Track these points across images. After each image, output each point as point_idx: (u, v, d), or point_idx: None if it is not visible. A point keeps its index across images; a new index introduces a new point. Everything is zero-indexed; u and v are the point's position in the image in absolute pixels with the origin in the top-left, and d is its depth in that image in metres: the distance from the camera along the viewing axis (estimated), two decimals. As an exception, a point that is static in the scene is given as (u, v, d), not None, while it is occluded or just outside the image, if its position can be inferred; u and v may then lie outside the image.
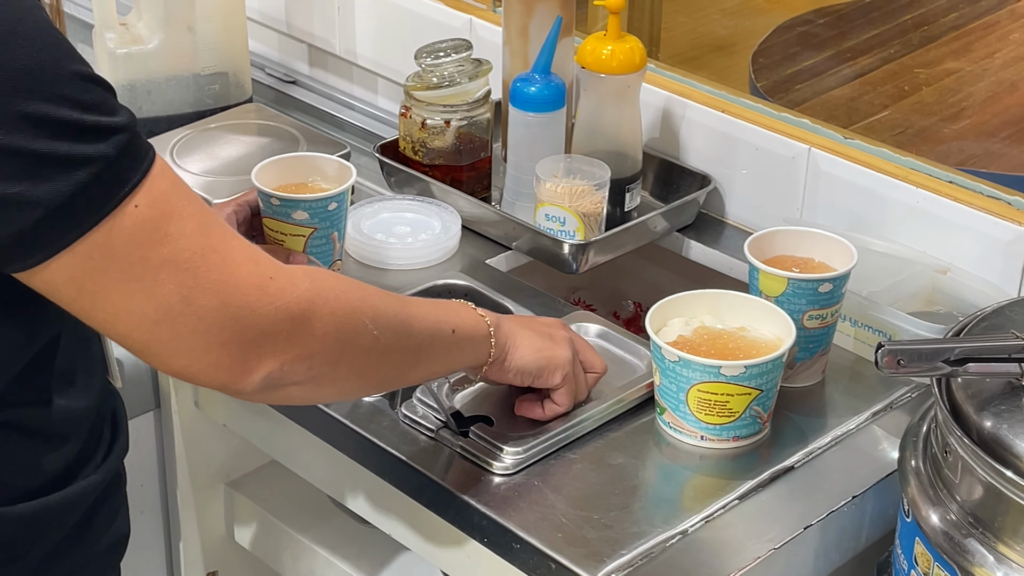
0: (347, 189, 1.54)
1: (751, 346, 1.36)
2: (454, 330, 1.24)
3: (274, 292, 1.06)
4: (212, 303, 1.03)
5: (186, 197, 1.03)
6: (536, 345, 1.31)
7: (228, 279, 1.04)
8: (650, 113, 1.76)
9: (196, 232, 1.03)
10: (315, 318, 1.08)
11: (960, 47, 2.60)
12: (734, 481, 1.32)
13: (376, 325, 1.14)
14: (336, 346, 1.11)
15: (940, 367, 1.17)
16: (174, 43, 1.91)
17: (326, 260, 1.55)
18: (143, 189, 1.00)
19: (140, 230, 1.00)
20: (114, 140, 0.99)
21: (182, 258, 1.02)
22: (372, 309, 1.14)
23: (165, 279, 1.01)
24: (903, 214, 1.57)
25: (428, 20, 1.95)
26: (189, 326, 1.03)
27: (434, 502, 1.33)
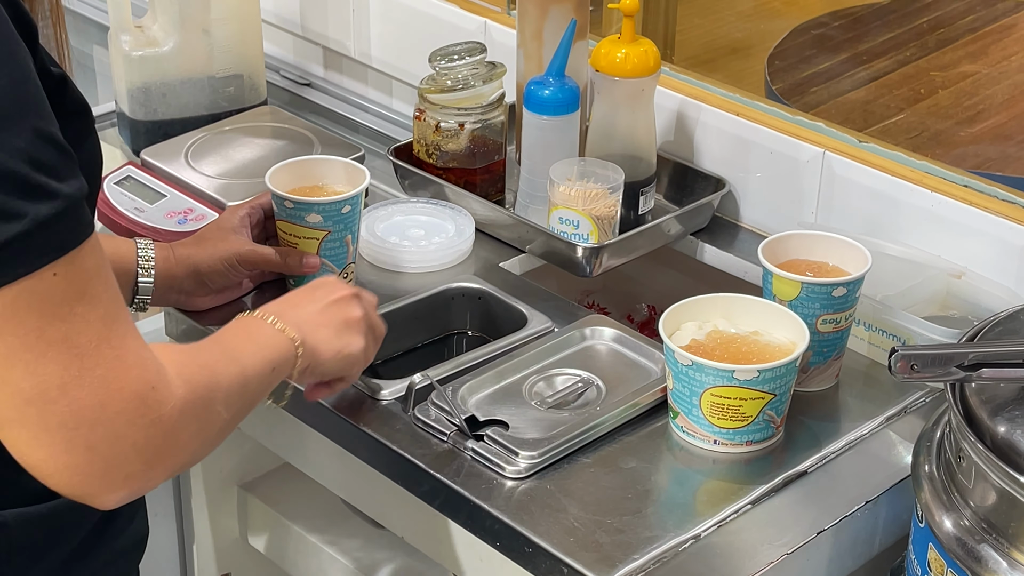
0: (361, 192, 1.54)
1: (764, 350, 1.36)
2: (273, 368, 1.22)
3: (152, 404, 1.02)
4: (89, 399, 0.99)
5: (105, 283, 1.01)
6: (335, 347, 1.30)
7: (112, 380, 1.00)
8: (664, 116, 1.76)
9: (99, 320, 1.00)
10: (184, 427, 1.06)
11: (977, 50, 2.60)
12: (747, 486, 1.31)
13: (226, 407, 1.12)
14: (196, 443, 1.09)
15: (954, 372, 1.17)
16: (189, 46, 1.92)
17: (339, 263, 1.55)
18: (69, 261, 0.98)
19: (49, 300, 0.98)
20: (54, 204, 0.97)
21: (77, 342, 0.99)
22: (223, 392, 1.12)
23: (52, 357, 0.98)
24: (918, 218, 1.56)
25: (443, 23, 1.95)
26: (59, 417, 0.99)
27: (447, 506, 1.32)
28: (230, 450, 1.72)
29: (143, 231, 1.73)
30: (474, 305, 1.58)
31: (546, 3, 1.68)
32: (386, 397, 1.41)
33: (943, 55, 2.58)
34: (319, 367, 1.29)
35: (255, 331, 1.24)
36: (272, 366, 1.22)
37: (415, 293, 1.57)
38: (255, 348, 1.21)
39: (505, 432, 1.35)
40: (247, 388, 1.17)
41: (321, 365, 1.29)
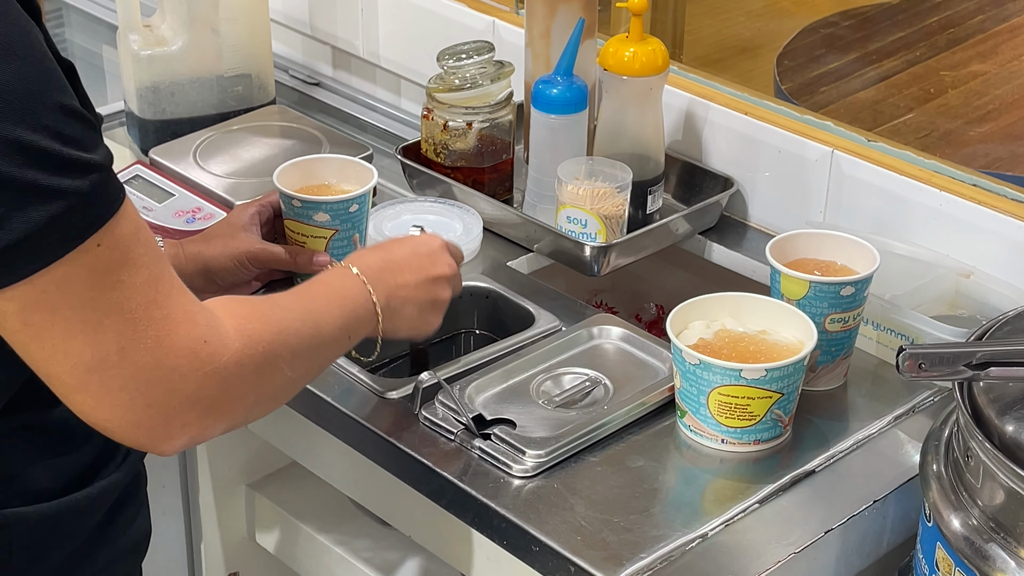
0: (368, 191, 1.54)
1: (772, 349, 1.36)
2: (350, 336, 1.25)
3: (205, 357, 1.05)
4: (145, 360, 1.02)
5: (144, 245, 1.03)
6: (414, 324, 1.35)
7: (164, 338, 1.03)
8: (673, 115, 1.76)
9: (145, 283, 1.02)
10: (240, 380, 1.08)
11: (986, 49, 2.59)
12: (755, 485, 1.31)
13: (291, 365, 1.14)
14: (254, 397, 1.11)
15: (962, 371, 1.17)
16: (198, 45, 1.92)
17: None
18: (108, 229, 1.00)
19: (97, 270, 1.00)
20: (90, 177, 0.98)
21: (127, 307, 1.01)
22: (290, 351, 1.14)
23: (109, 326, 1.00)
24: (926, 217, 1.56)
25: (451, 22, 1.95)
26: (120, 380, 1.02)
27: (454, 504, 1.32)
28: (238, 449, 1.73)
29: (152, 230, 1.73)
30: (482, 304, 1.58)
31: (554, 2, 1.67)
32: (393, 396, 1.41)
33: (953, 55, 2.58)
34: (389, 335, 1.32)
35: (346, 293, 1.26)
36: (349, 334, 1.25)
37: (423, 292, 1.57)
38: (339, 313, 1.23)
39: (512, 431, 1.34)
40: (319, 351, 1.20)
41: (392, 334, 1.32)
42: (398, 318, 1.32)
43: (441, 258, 1.37)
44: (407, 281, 1.33)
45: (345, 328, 1.24)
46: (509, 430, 1.35)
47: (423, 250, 1.37)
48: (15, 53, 0.96)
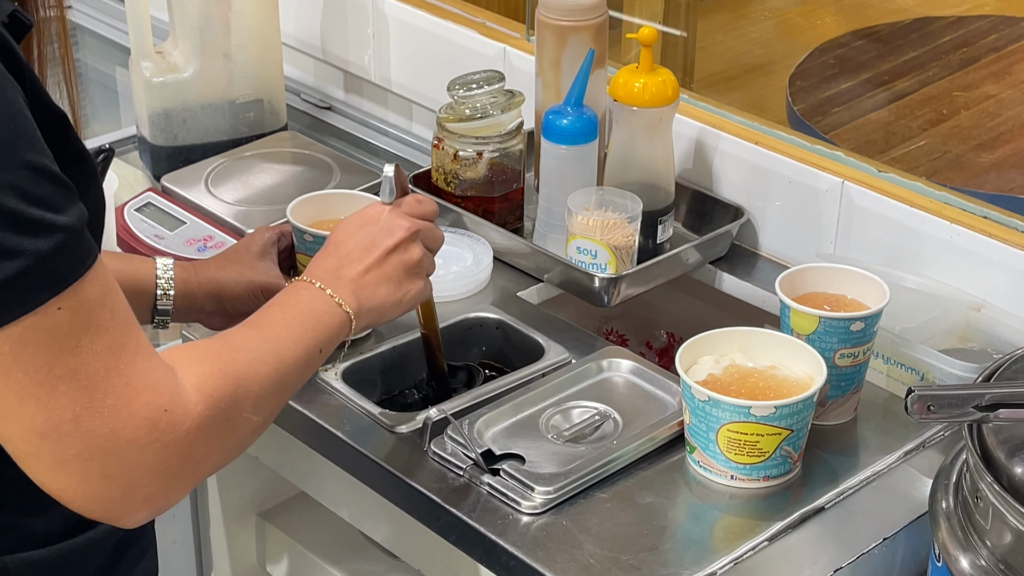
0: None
1: (781, 385, 1.36)
2: (321, 350, 1.21)
3: (165, 427, 1.02)
4: (101, 429, 0.99)
5: (111, 310, 1.00)
6: (394, 299, 1.30)
7: (123, 407, 1.00)
8: (683, 144, 1.76)
9: (107, 350, 0.99)
10: (203, 444, 1.05)
11: (999, 69, 2.59)
12: (764, 522, 1.31)
13: (255, 410, 1.11)
14: (218, 456, 1.08)
15: (971, 413, 1.16)
16: (210, 71, 1.93)
17: None
18: (72, 293, 0.97)
19: (55, 334, 0.97)
20: (53, 238, 0.96)
21: (85, 373, 0.98)
22: (253, 398, 1.10)
23: (63, 391, 0.98)
24: (937, 249, 1.56)
25: (462, 48, 1.95)
26: (74, 449, 0.99)
27: (463, 540, 1.33)
28: (248, 478, 1.73)
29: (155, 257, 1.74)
30: (492, 335, 1.58)
31: (564, 33, 1.68)
32: (403, 430, 1.41)
33: (966, 75, 2.58)
34: (376, 323, 1.29)
35: (307, 308, 1.22)
36: (320, 347, 1.21)
37: (434, 323, 1.57)
38: (300, 333, 1.19)
39: (521, 466, 1.35)
40: (285, 384, 1.16)
41: (379, 321, 1.30)
42: (375, 305, 1.27)
43: (394, 223, 1.31)
44: (368, 264, 1.28)
45: (313, 345, 1.20)
46: (518, 465, 1.35)
47: (372, 226, 1.31)
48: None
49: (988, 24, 2.74)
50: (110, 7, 2.45)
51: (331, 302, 1.24)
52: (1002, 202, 1.70)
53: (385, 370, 1.53)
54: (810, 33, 2.84)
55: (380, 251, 1.29)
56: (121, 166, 1.95)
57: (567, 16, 1.68)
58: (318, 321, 1.22)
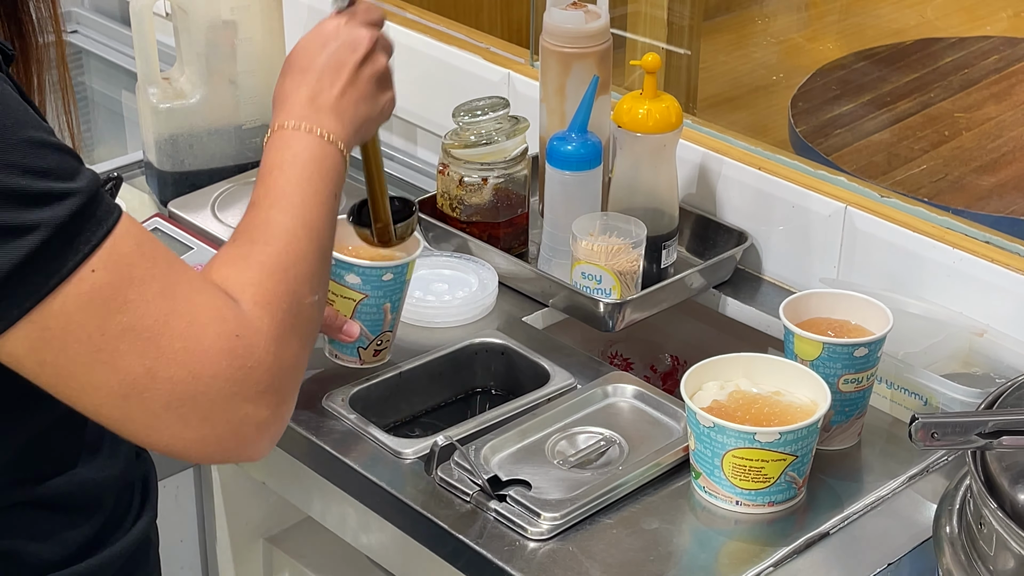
0: (407, 263, 1.51)
1: (786, 411, 1.37)
2: (336, 195, 1.17)
3: (243, 352, 1.01)
4: (180, 374, 0.98)
5: (151, 258, 0.99)
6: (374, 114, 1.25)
7: (194, 346, 0.98)
8: (687, 169, 1.77)
9: (159, 296, 0.98)
10: (286, 352, 1.04)
11: (1001, 91, 2.60)
12: (769, 547, 1.32)
13: (312, 290, 1.09)
14: (303, 353, 1.07)
15: (974, 440, 1.17)
16: (216, 97, 1.94)
17: (375, 329, 1.52)
18: (102, 253, 0.97)
19: (96, 297, 0.96)
20: (67, 204, 0.96)
21: (142, 326, 0.97)
22: (306, 281, 1.09)
23: (126, 350, 0.97)
24: (940, 274, 1.57)
25: (466, 74, 1.96)
26: (160, 400, 0.98)
27: (470, 567, 1.33)
28: (255, 503, 1.74)
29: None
30: (497, 361, 1.59)
31: (568, 59, 1.69)
32: (409, 456, 1.42)
33: (967, 96, 2.59)
34: (361, 142, 1.26)
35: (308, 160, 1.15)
36: (335, 193, 1.17)
37: (438, 349, 1.58)
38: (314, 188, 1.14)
39: (527, 492, 1.35)
40: (324, 249, 1.13)
41: (363, 140, 1.26)
42: (359, 126, 1.23)
43: (355, 35, 1.24)
44: (342, 87, 1.21)
45: (329, 196, 1.15)
46: (524, 491, 1.35)
47: (334, 43, 1.23)
48: None
49: (989, 45, 2.75)
50: (116, 32, 2.46)
51: (323, 143, 1.18)
52: (1003, 224, 1.71)
53: (391, 396, 1.54)
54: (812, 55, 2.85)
55: (350, 68, 1.22)
56: (128, 191, 1.96)
57: (571, 43, 1.69)
58: (322, 169, 1.16)
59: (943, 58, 2.71)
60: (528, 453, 1.42)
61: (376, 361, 1.55)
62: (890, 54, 2.74)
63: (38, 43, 1.12)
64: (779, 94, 2.67)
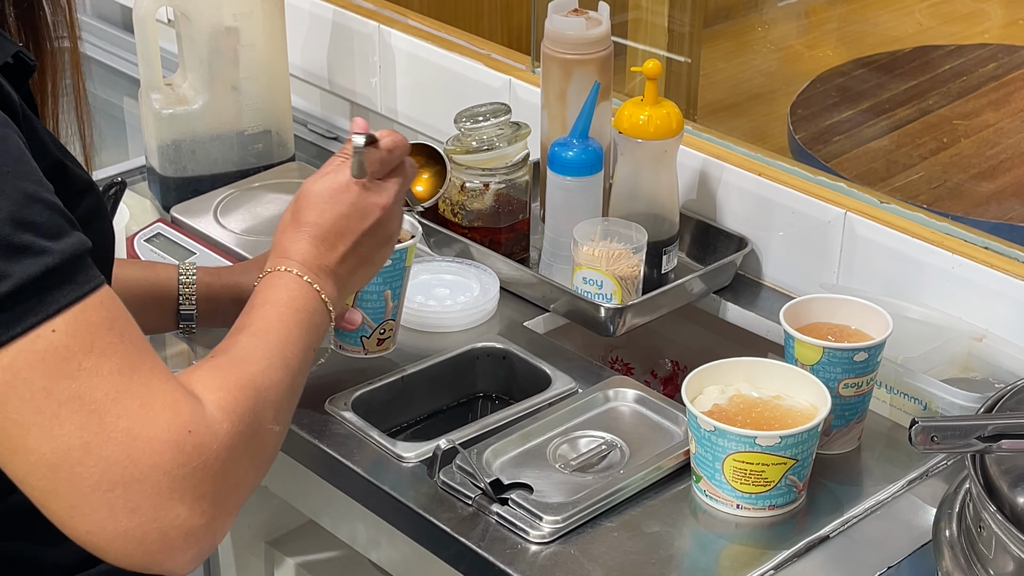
0: (405, 250, 1.50)
1: (787, 415, 1.37)
2: (314, 349, 1.18)
3: (191, 450, 0.97)
4: (117, 455, 0.94)
5: (118, 334, 0.97)
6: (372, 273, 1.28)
7: (139, 430, 0.95)
8: (687, 175, 1.78)
9: (115, 372, 0.95)
10: (236, 464, 1.01)
11: (999, 98, 2.61)
12: (769, 551, 1.33)
13: (276, 419, 1.08)
14: (253, 474, 1.05)
15: (973, 443, 1.18)
16: (218, 103, 1.95)
17: (377, 318, 1.53)
18: (68, 315, 0.95)
19: (51, 357, 0.94)
20: (43, 261, 0.95)
21: (90, 397, 0.94)
22: (273, 408, 1.07)
23: (66, 417, 0.93)
24: (939, 280, 1.58)
25: (468, 80, 1.97)
26: (91, 479, 0.93)
27: (472, 570, 1.34)
28: (257, 507, 1.74)
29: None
30: (498, 365, 1.60)
31: (570, 66, 1.70)
32: (411, 460, 1.43)
33: (965, 103, 2.60)
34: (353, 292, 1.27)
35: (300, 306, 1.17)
36: (315, 346, 1.18)
37: (441, 353, 1.59)
38: (299, 332, 1.15)
39: (529, 496, 1.36)
40: (295, 388, 1.13)
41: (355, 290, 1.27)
42: (353, 286, 1.25)
43: (367, 204, 1.24)
44: (343, 253, 1.22)
45: (310, 346, 1.16)
46: (526, 495, 1.36)
47: (344, 206, 1.23)
48: None
49: (988, 53, 2.77)
50: (118, 38, 2.47)
51: (318, 298, 1.19)
52: (1002, 231, 1.72)
53: (394, 400, 1.54)
54: (811, 62, 2.86)
55: (354, 236, 1.23)
56: (130, 196, 1.97)
57: (572, 50, 1.70)
58: (311, 320, 1.18)
59: (941, 65, 2.72)
60: (530, 457, 1.43)
61: (380, 351, 1.55)
62: (889, 61, 2.75)
63: (53, 49, 1.12)
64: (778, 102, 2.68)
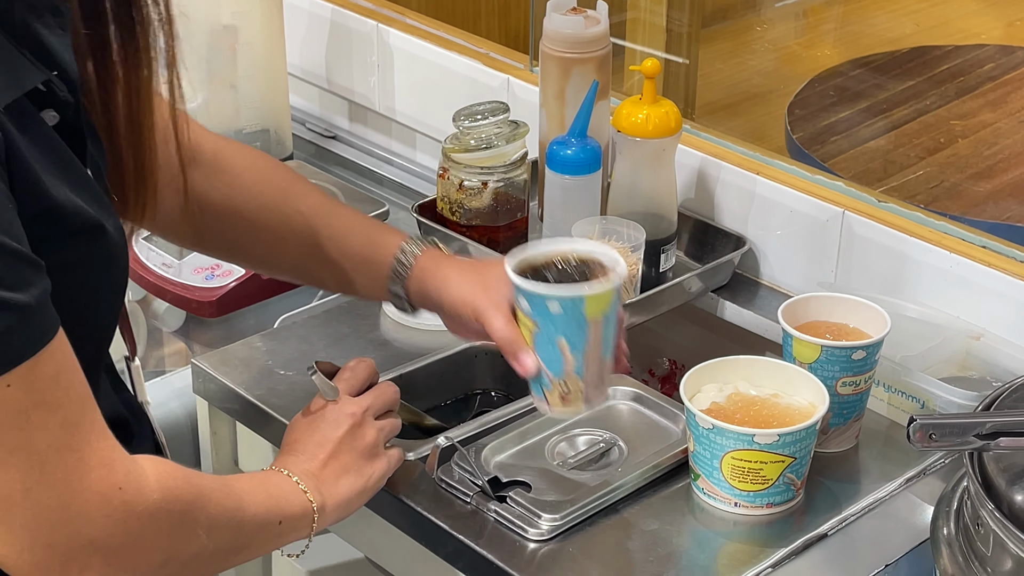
0: (580, 296, 1.25)
1: (784, 413, 1.38)
2: (281, 522, 1.22)
3: (117, 504, 1.03)
4: (51, 501, 0.99)
5: (65, 388, 1.00)
6: (359, 487, 1.30)
7: (73, 481, 1.00)
8: (685, 174, 1.78)
9: (59, 426, 1.00)
10: (151, 532, 1.06)
11: (997, 98, 2.61)
12: (768, 549, 1.33)
13: (209, 533, 1.11)
14: (163, 555, 1.08)
15: (971, 441, 1.18)
16: (217, 101, 1.95)
17: (555, 369, 1.29)
18: (22, 370, 0.97)
19: (4, 410, 0.96)
20: (6, 319, 0.95)
21: (35, 448, 0.98)
22: (208, 518, 1.12)
23: (13, 464, 0.98)
24: (937, 279, 1.58)
25: (466, 79, 1.97)
26: (22, 520, 0.99)
27: (470, 568, 1.34)
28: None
29: (171, 287, 1.76)
30: (497, 363, 1.60)
31: (568, 65, 1.70)
32: (410, 457, 1.43)
33: (963, 103, 2.60)
34: (345, 514, 1.30)
35: (273, 485, 1.23)
36: (280, 519, 1.21)
37: (439, 351, 1.59)
38: (266, 497, 1.20)
39: (527, 494, 1.36)
40: (242, 527, 1.16)
41: (348, 512, 1.30)
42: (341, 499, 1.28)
43: (339, 414, 1.32)
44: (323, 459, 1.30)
45: (274, 514, 1.20)
46: (524, 493, 1.36)
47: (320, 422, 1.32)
48: None
49: (985, 53, 2.77)
50: (116, 37, 2.47)
51: (296, 488, 1.25)
52: (999, 231, 1.72)
53: (392, 398, 1.54)
54: (809, 62, 2.87)
55: (332, 444, 1.30)
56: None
57: (571, 48, 1.70)
58: (282, 497, 1.23)
59: (939, 66, 2.72)
60: (528, 455, 1.43)
61: (566, 410, 1.32)
62: (886, 62, 2.75)
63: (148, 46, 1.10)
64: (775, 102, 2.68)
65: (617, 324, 1.29)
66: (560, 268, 1.30)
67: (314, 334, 1.64)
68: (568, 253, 1.30)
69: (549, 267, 1.30)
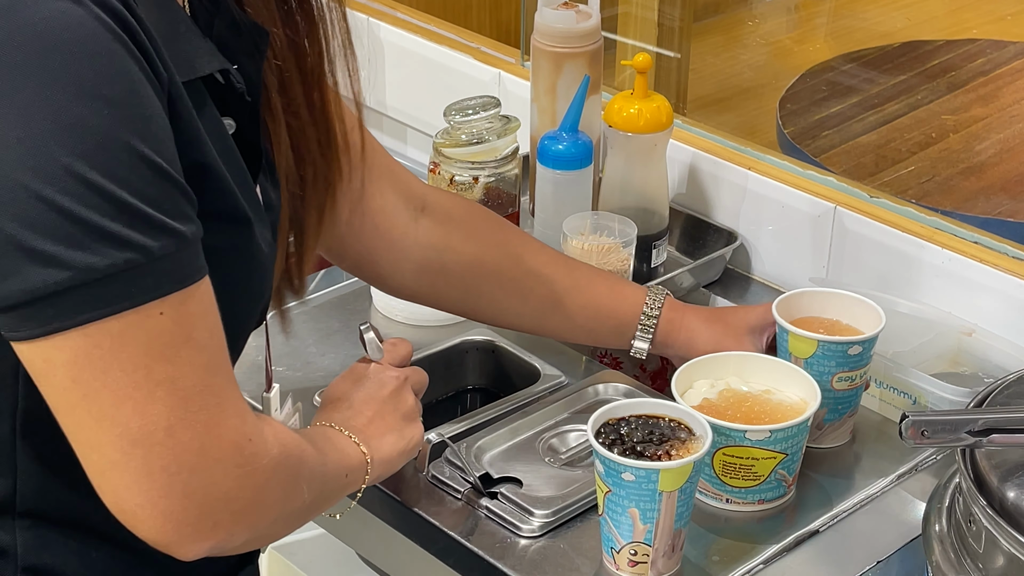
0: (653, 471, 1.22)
1: (776, 409, 1.37)
2: (347, 474, 1.23)
3: (248, 455, 1.02)
4: (193, 444, 0.98)
5: (210, 331, 1.00)
6: (400, 448, 1.30)
7: (214, 425, 0.99)
8: (677, 169, 1.78)
9: (204, 367, 0.99)
10: (273, 487, 1.05)
11: (987, 93, 2.61)
12: (759, 545, 1.32)
13: (309, 488, 1.12)
14: (278, 510, 1.08)
15: (964, 438, 1.18)
16: (206, 96, 1.94)
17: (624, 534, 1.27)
18: (175, 301, 0.96)
19: (157, 339, 0.96)
20: (164, 242, 0.95)
21: (182, 384, 0.97)
22: (308, 473, 1.12)
23: (160, 398, 0.96)
24: (929, 274, 1.58)
25: (457, 73, 1.97)
26: (163, 460, 0.97)
27: (461, 564, 1.34)
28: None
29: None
30: (487, 359, 1.60)
31: (559, 59, 1.69)
32: (402, 454, 1.43)
33: (954, 98, 2.60)
34: (387, 472, 1.30)
35: (335, 438, 1.24)
36: (346, 472, 1.22)
37: (429, 347, 1.59)
38: (331, 449, 1.21)
39: (519, 490, 1.36)
40: (326, 480, 1.17)
41: (390, 470, 1.30)
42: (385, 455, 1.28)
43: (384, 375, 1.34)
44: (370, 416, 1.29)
45: (342, 464, 1.22)
46: (516, 489, 1.36)
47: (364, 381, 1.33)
48: (105, 97, 0.92)
49: (976, 48, 2.77)
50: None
51: (350, 441, 1.25)
52: (991, 226, 1.72)
53: (383, 394, 1.54)
54: (800, 57, 2.86)
55: (376, 403, 1.31)
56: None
57: (562, 43, 1.70)
58: (343, 450, 1.24)
59: (930, 60, 2.72)
60: (519, 451, 1.42)
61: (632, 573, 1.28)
62: (877, 56, 2.75)
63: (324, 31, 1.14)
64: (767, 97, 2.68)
65: (694, 494, 1.28)
66: (646, 430, 1.29)
67: (304, 329, 1.64)
68: (661, 413, 1.31)
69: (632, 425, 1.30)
